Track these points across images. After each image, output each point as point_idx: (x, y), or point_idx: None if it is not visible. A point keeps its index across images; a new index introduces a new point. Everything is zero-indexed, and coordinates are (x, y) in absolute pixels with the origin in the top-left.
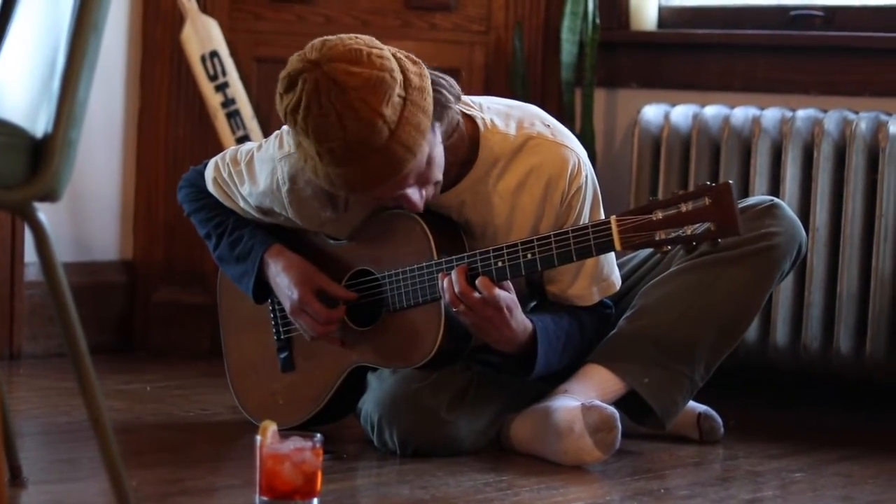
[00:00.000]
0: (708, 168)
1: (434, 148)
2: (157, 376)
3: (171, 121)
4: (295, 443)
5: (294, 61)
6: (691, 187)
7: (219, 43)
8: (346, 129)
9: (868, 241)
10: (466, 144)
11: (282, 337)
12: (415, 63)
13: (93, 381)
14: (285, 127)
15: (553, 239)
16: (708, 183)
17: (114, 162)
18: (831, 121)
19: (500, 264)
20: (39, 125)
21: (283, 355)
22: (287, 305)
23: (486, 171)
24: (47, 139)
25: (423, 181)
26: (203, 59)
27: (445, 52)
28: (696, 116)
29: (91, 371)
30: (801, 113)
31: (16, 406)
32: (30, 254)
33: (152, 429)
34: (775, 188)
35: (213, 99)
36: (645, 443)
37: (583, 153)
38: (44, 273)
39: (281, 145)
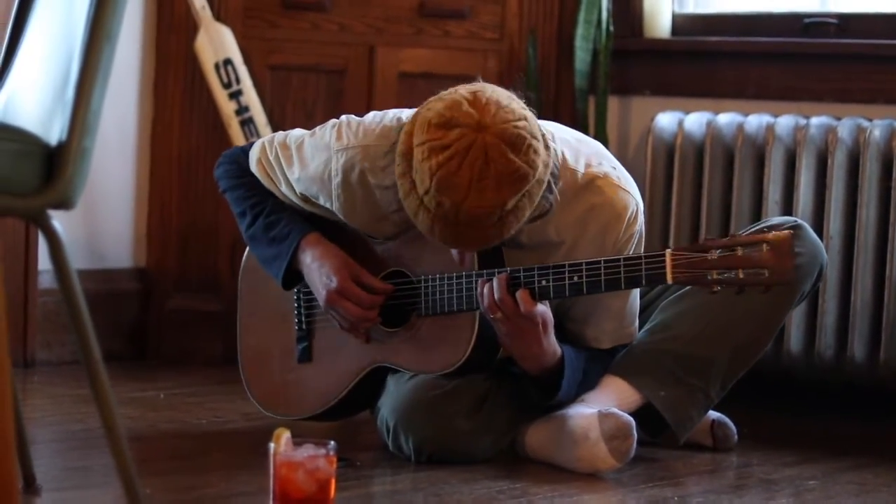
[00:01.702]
0: (722, 176)
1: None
2: (170, 384)
3: (184, 129)
4: (308, 450)
5: (462, 107)
6: (704, 195)
7: (233, 51)
8: (468, 199)
9: (882, 249)
10: None
11: (303, 327)
12: (547, 149)
13: (106, 389)
14: (344, 118)
15: (603, 265)
16: (768, 230)
17: (128, 170)
18: (845, 128)
19: (543, 283)
20: (54, 133)
21: (301, 345)
22: (323, 293)
23: None
24: (61, 147)
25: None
26: (217, 66)
27: (459, 59)
28: (709, 124)
29: (105, 378)
30: (814, 120)
31: (30, 413)
32: (44, 261)
33: (166, 436)
34: (789, 196)
35: (227, 107)
36: (659, 450)
37: (641, 202)
38: (58, 281)
39: (339, 137)
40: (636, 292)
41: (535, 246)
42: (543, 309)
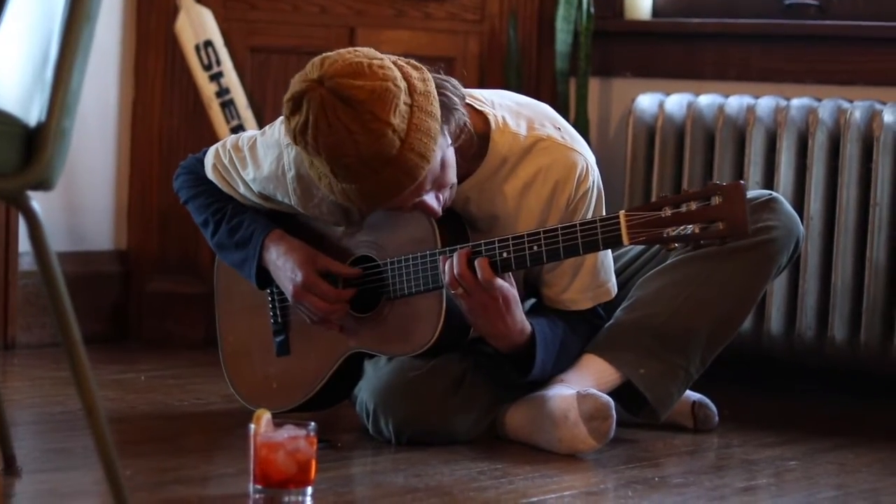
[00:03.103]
0: (702, 157)
1: (445, 151)
2: (151, 366)
3: (165, 110)
4: (289, 431)
5: (296, 82)
6: (685, 176)
7: (213, 32)
8: (358, 143)
9: (862, 231)
10: (476, 142)
11: (279, 320)
12: (416, 68)
13: (87, 371)
14: None
15: (560, 232)
16: (718, 182)
17: (108, 151)
18: (826, 110)
19: (504, 255)
20: (33, 114)
21: (279, 339)
22: (290, 289)
23: (494, 170)
24: (41, 128)
25: (439, 186)
26: (197, 48)
27: (440, 41)
28: (690, 105)
29: (85, 361)
30: (795, 102)
31: (10, 396)
32: (24, 243)
33: (146, 418)
34: (770, 177)
35: (208, 88)
36: (639, 431)
37: (591, 157)
38: (38, 263)
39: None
40: None
41: (488, 218)
42: (504, 284)
